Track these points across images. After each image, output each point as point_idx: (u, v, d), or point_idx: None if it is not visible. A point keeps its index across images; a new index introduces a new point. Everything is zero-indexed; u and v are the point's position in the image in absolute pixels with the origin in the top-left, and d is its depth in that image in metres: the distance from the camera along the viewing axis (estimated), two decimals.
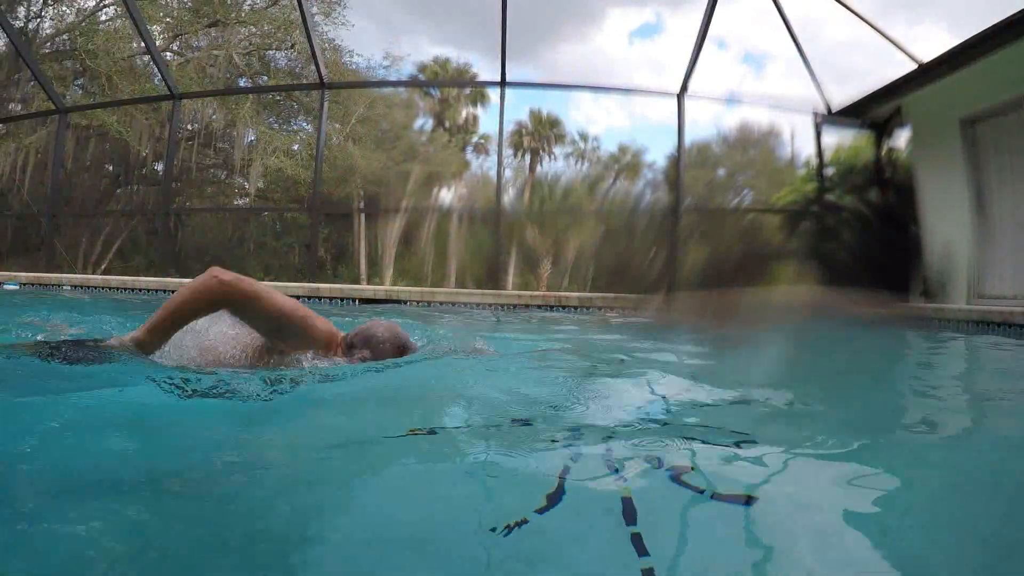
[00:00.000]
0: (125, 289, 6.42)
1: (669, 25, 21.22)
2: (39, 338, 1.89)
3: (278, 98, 14.15)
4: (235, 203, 14.38)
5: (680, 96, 7.92)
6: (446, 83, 17.22)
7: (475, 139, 17.23)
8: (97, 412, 1.28)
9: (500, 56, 7.84)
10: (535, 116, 17.60)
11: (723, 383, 1.76)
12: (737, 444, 1.20)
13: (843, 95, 7.84)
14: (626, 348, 2.13)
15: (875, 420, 1.47)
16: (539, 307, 6.09)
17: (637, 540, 0.74)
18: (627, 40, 22.43)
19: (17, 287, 6.41)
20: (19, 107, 12.60)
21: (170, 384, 1.41)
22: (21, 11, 12.41)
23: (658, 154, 17.10)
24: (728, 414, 1.48)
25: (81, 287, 6.63)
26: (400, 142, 14.60)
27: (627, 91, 11.36)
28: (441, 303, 6.04)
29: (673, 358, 2.12)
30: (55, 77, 11.86)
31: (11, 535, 0.75)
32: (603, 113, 22.43)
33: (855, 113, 7.69)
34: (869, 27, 7.04)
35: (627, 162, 17.12)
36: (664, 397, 1.63)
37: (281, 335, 1.66)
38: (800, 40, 7.55)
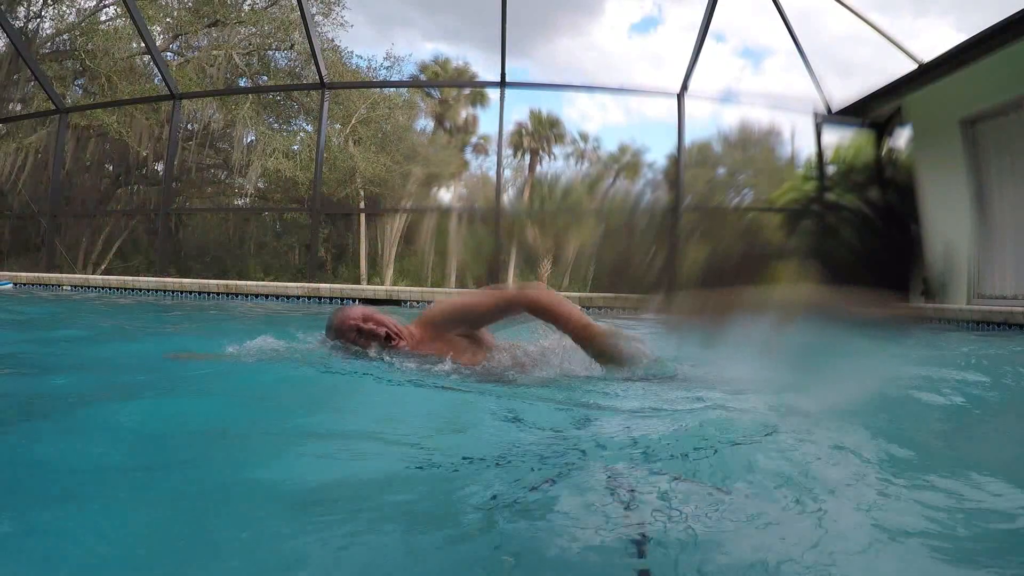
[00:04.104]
0: (125, 289, 6.42)
1: (669, 17, 21.15)
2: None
3: (278, 98, 14.15)
4: (235, 203, 14.38)
5: (680, 95, 7.92)
6: (446, 84, 17.21)
7: (475, 139, 17.23)
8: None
9: (500, 56, 7.84)
10: (535, 116, 17.60)
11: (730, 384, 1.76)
12: (739, 443, 1.19)
13: (845, 90, 7.85)
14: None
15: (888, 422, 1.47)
16: None
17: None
18: (626, 34, 22.36)
19: (11, 287, 6.38)
20: (19, 107, 12.59)
21: None
22: (21, 11, 12.41)
23: (658, 152, 17.11)
24: (736, 414, 1.47)
25: (81, 287, 6.63)
26: (401, 143, 14.59)
27: (628, 91, 11.37)
28: None
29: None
30: (55, 77, 11.85)
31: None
32: (600, 110, 22.36)
33: (855, 112, 7.69)
34: (870, 27, 7.04)
35: (627, 161, 17.13)
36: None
37: None
38: (800, 38, 7.55)
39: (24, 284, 6.69)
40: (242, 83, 13.86)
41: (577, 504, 0.90)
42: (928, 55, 6.62)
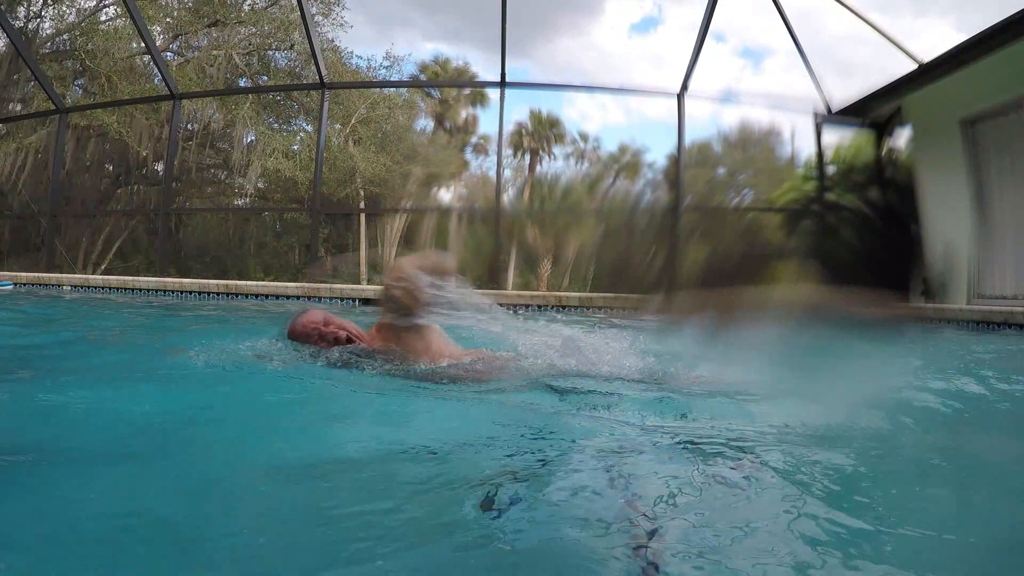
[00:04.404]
0: (125, 289, 6.42)
1: (669, 17, 21.12)
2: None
3: (278, 98, 14.14)
4: (235, 203, 14.37)
5: (680, 95, 7.91)
6: (446, 84, 17.20)
7: (475, 139, 17.23)
8: None
9: (500, 56, 7.84)
10: (535, 116, 17.59)
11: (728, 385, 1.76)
12: (735, 442, 1.19)
13: (845, 90, 7.85)
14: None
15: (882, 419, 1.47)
16: (539, 307, 6.09)
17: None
18: (626, 34, 22.34)
19: (12, 287, 6.37)
20: (19, 107, 12.58)
21: None
22: (21, 11, 12.40)
23: (658, 152, 17.11)
24: (730, 415, 1.47)
25: (81, 287, 6.63)
26: (402, 143, 14.58)
27: (628, 91, 11.37)
28: None
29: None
30: (55, 77, 11.84)
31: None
32: (600, 110, 22.33)
33: (855, 112, 7.68)
34: (870, 27, 7.04)
35: (627, 161, 17.12)
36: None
37: None
38: (800, 38, 7.54)
39: (24, 284, 6.68)
40: (242, 83, 13.85)
41: (576, 501, 0.90)
42: (928, 55, 6.62)
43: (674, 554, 0.75)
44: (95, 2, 12.71)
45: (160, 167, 13.23)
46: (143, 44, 10.25)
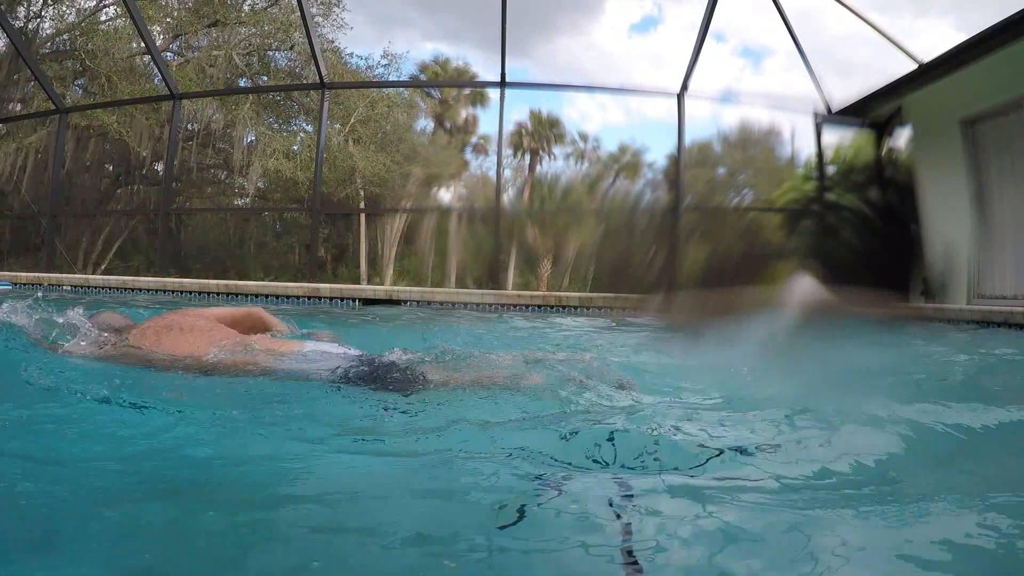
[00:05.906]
0: (125, 289, 6.42)
1: (669, 17, 21.05)
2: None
3: (278, 98, 14.14)
4: (235, 203, 14.37)
5: (680, 95, 7.91)
6: (446, 84, 17.20)
7: (475, 139, 17.21)
8: None
9: (500, 56, 7.84)
10: (535, 116, 17.56)
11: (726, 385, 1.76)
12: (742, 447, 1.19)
13: (845, 90, 7.84)
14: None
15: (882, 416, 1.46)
16: (539, 307, 6.08)
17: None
18: (626, 33, 22.26)
19: (10, 287, 6.36)
20: (19, 107, 12.58)
21: None
22: (21, 11, 12.40)
23: (657, 152, 17.07)
24: (734, 418, 1.47)
25: (81, 287, 6.63)
26: (402, 143, 14.58)
27: (628, 92, 11.39)
28: (441, 303, 6.04)
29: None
30: (55, 77, 11.84)
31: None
32: (600, 110, 22.27)
33: (855, 112, 7.68)
34: (870, 27, 7.04)
35: (627, 161, 17.11)
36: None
37: None
38: (800, 38, 7.54)
39: (24, 284, 6.68)
40: (242, 83, 13.85)
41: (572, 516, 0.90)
42: (928, 55, 6.61)
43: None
44: (95, 2, 12.72)
45: (160, 167, 13.23)
46: (143, 44, 10.25)
